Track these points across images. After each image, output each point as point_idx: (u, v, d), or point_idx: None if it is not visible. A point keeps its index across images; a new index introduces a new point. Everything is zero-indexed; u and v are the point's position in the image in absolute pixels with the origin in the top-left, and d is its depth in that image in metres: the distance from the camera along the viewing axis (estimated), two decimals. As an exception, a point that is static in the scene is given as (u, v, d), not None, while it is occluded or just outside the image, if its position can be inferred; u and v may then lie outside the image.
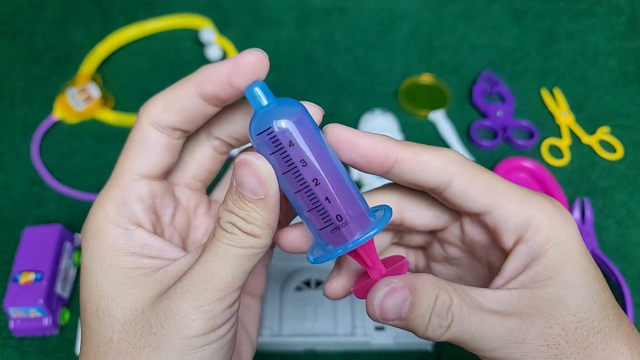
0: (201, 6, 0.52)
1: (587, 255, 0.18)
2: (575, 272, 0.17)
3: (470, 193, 0.17)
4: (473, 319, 0.16)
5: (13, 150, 0.43)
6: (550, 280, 0.17)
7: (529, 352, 0.16)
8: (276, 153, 0.16)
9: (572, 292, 0.17)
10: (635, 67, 0.49)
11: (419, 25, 0.51)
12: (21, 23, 0.52)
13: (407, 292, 0.16)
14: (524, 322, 0.16)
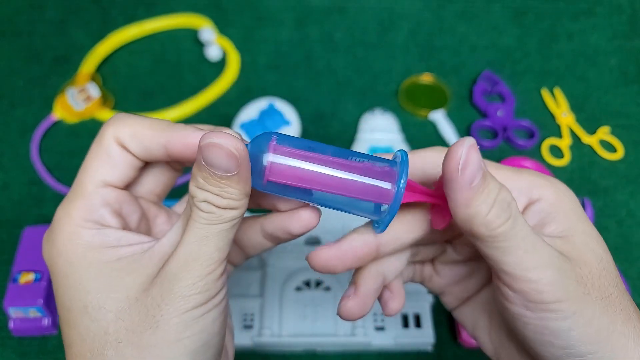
0: (201, 6, 0.52)
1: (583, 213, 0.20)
2: (590, 228, 0.19)
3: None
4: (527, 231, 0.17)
5: (12, 150, 0.43)
6: (573, 230, 0.18)
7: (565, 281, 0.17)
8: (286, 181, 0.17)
9: (595, 242, 0.18)
10: (635, 67, 0.49)
11: (419, 25, 0.51)
12: (21, 23, 0.51)
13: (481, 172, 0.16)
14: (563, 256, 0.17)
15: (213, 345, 0.17)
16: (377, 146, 0.41)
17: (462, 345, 0.33)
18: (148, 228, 0.20)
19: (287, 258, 0.35)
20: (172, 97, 0.46)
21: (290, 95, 0.46)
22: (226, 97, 0.46)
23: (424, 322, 0.32)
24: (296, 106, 0.44)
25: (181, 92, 0.47)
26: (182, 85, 0.47)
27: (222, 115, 0.45)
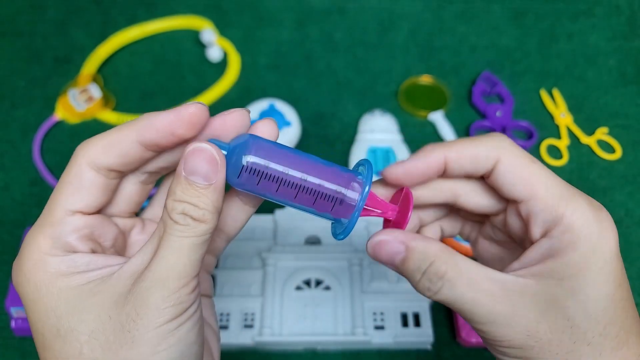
0: (201, 7, 0.52)
1: (614, 271, 0.18)
2: (588, 283, 0.17)
3: (510, 178, 0.18)
4: (465, 294, 0.18)
5: (14, 151, 0.43)
6: (558, 281, 0.17)
7: (511, 337, 0.17)
8: (261, 179, 0.18)
9: (574, 300, 0.17)
10: (634, 68, 0.49)
11: (419, 26, 0.51)
12: (22, 23, 0.52)
13: (403, 247, 0.18)
14: (514, 309, 0.17)
15: (190, 355, 0.18)
16: (377, 146, 0.41)
17: (460, 344, 0.33)
18: (124, 241, 0.21)
19: (287, 258, 0.35)
20: (173, 98, 0.46)
21: (291, 96, 0.46)
22: (227, 98, 0.47)
23: (423, 321, 0.32)
24: (296, 107, 0.44)
25: (182, 92, 0.47)
26: (183, 86, 0.47)
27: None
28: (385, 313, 0.33)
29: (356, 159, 0.41)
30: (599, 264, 0.17)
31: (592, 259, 0.17)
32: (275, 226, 0.37)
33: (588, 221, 0.18)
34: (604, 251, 0.17)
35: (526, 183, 0.18)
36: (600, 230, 0.18)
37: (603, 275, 0.17)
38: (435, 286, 0.18)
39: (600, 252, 0.17)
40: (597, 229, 0.17)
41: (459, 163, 0.19)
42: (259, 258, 0.35)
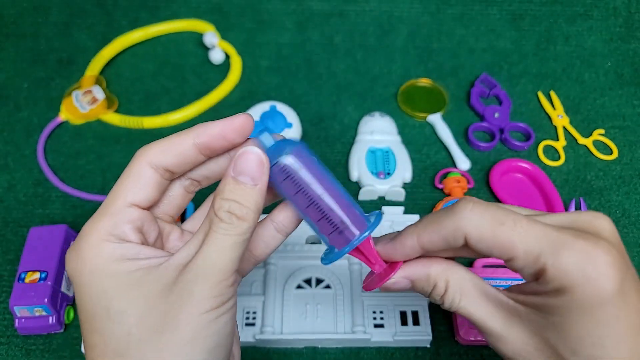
0: (203, 9, 0.53)
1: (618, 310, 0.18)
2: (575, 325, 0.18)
3: (483, 248, 0.19)
4: (463, 309, 0.21)
5: (18, 151, 0.43)
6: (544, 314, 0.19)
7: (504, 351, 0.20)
8: (287, 179, 0.20)
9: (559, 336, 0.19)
10: (631, 69, 0.49)
11: (418, 29, 0.52)
12: (25, 25, 0.52)
13: (408, 282, 0.22)
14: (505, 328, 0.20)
15: (225, 346, 0.20)
16: (376, 148, 0.42)
17: (459, 342, 0.34)
18: (162, 244, 0.23)
19: (288, 257, 0.35)
20: (176, 100, 0.47)
21: (292, 98, 0.47)
22: (229, 100, 0.47)
23: (422, 320, 0.33)
24: (297, 108, 0.44)
25: (184, 94, 0.47)
26: (185, 87, 0.48)
27: (224, 117, 0.46)
28: (385, 311, 0.33)
29: (356, 160, 0.41)
30: (591, 310, 0.18)
31: (581, 306, 0.18)
32: (276, 226, 0.37)
33: (574, 271, 0.18)
34: (598, 296, 0.18)
35: (501, 248, 0.19)
36: (589, 278, 0.18)
37: (599, 319, 0.18)
38: (441, 301, 0.22)
39: (593, 300, 0.18)
40: (585, 278, 0.18)
41: (433, 245, 0.20)
42: (260, 257, 0.36)
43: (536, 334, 0.19)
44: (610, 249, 0.18)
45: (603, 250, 0.18)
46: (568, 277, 0.18)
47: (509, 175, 0.41)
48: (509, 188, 0.40)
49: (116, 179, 0.33)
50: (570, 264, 0.18)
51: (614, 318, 0.18)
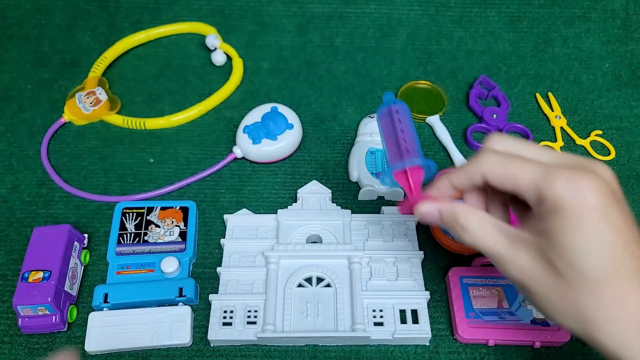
0: (205, 12, 0.53)
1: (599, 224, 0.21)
2: (565, 238, 0.22)
3: (497, 182, 0.25)
4: (478, 239, 0.25)
5: (21, 152, 0.44)
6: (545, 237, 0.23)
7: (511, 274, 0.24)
8: (388, 116, 0.31)
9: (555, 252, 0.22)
10: (629, 71, 0.50)
11: (417, 31, 0.52)
12: (28, 27, 0.53)
13: (437, 212, 0.27)
14: (513, 252, 0.24)
15: None
16: (376, 148, 0.42)
17: (457, 341, 0.34)
18: None
19: (290, 256, 0.36)
20: (178, 101, 0.47)
21: (292, 99, 0.47)
22: (230, 101, 0.48)
23: (421, 318, 0.33)
24: (298, 110, 0.45)
25: (186, 96, 0.48)
26: (187, 89, 0.48)
27: (226, 118, 0.46)
28: (384, 310, 0.33)
29: (356, 160, 0.42)
30: (578, 228, 0.22)
31: (570, 224, 0.22)
32: (278, 226, 0.38)
33: (563, 192, 0.22)
34: (581, 211, 0.22)
35: (510, 181, 0.24)
36: (575, 196, 0.22)
37: (587, 237, 0.22)
38: (460, 234, 0.25)
39: (577, 213, 0.22)
40: (571, 196, 0.22)
41: (460, 182, 0.26)
42: (262, 257, 0.36)
43: (537, 254, 0.23)
44: (599, 180, 0.22)
45: (590, 178, 0.22)
46: (559, 198, 0.22)
47: (508, 176, 0.42)
48: (507, 188, 0.41)
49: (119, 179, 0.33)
50: (560, 187, 0.22)
51: (597, 232, 0.22)
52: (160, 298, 0.34)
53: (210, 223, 0.39)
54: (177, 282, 0.35)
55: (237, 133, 0.42)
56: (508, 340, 0.33)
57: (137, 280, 0.35)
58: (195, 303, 0.35)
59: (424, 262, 0.37)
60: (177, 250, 0.37)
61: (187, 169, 0.43)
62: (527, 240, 0.23)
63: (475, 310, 0.34)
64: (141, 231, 0.38)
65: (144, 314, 0.34)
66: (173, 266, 0.35)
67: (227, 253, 0.37)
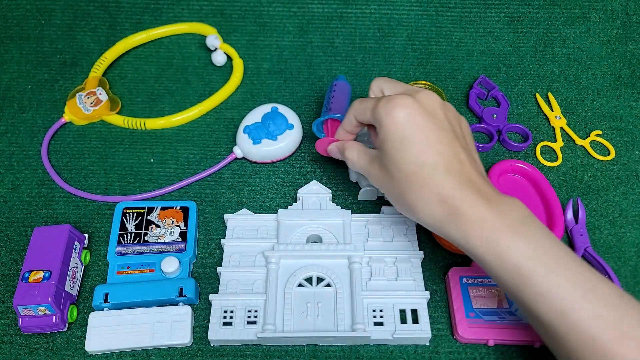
0: (206, 12, 0.54)
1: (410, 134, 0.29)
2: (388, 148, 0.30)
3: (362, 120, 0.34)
4: (356, 163, 0.34)
5: (22, 152, 0.44)
6: (381, 150, 0.31)
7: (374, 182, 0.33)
8: (330, 87, 0.43)
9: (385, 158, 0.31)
10: (628, 71, 0.50)
11: (417, 31, 0.53)
12: (29, 27, 0.53)
13: (336, 148, 0.37)
14: (371, 165, 0.32)
15: None
16: (376, 148, 0.42)
17: (457, 341, 0.34)
18: None
19: (290, 256, 0.36)
20: (178, 101, 0.47)
21: (292, 100, 0.47)
22: (231, 102, 0.48)
23: (421, 318, 0.33)
24: (298, 110, 0.45)
25: (187, 96, 0.48)
26: (187, 89, 0.48)
27: (227, 119, 0.46)
28: (384, 310, 0.33)
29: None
30: (394, 136, 0.29)
31: (389, 134, 0.30)
32: (278, 226, 0.38)
33: (381, 115, 0.30)
34: (392, 128, 0.29)
35: (363, 115, 0.33)
36: (388, 113, 0.30)
37: (399, 141, 0.29)
38: (347, 162, 0.35)
39: (390, 130, 0.30)
40: (385, 114, 0.30)
41: (350, 128, 0.35)
42: (262, 256, 0.36)
43: (379, 163, 0.31)
44: (409, 100, 0.29)
45: (402, 99, 0.30)
46: (379, 117, 0.30)
47: (507, 176, 0.42)
48: (507, 188, 0.41)
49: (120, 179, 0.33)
50: (381, 109, 0.30)
51: (404, 135, 0.29)
52: (160, 298, 0.34)
53: (211, 223, 0.40)
54: (178, 282, 0.35)
55: (238, 133, 0.42)
56: (508, 340, 0.33)
57: (137, 280, 0.35)
58: (195, 303, 0.35)
59: (424, 262, 0.37)
60: (177, 250, 0.37)
61: (187, 169, 0.43)
62: (376, 155, 0.32)
63: (475, 310, 0.34)
64: (141, 231, 0.38)
65: (144, 314, 0.34)
66: (173, 266, 0.35)
67: (228, 253, 0.37)
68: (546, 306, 0.25)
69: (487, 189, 0.28)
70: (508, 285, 0.26)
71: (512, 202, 0.28)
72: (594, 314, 0.24)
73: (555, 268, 0.25)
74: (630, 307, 0.25)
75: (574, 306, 0.24)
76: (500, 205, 0.27)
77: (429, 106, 0.30)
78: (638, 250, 0.38)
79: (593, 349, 0.24)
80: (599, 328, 0.24)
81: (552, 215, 0.39)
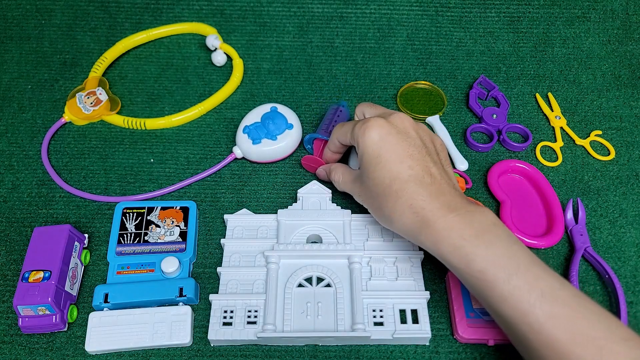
0: (206, 12, 0.54)
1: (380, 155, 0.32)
2: (366, 167, 0.33)
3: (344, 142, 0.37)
4: (341, 185, 0.37)
5: (22, 152, 0.44)
6: (361, 170, 0.34)
7: (359, 199, 0.35)
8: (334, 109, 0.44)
9: (365, 177, 0.33)
10: (628, 71, 0.50)
11: (417, 31, 0.53)
12: (29, 27, 0.53)
13: (324, 171, 0.40)
14: (354, 185, 0.35)
15: None
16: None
17: (457, 340, 0.34)
18: None
19: (290, 256, 0.36)
20: (178, 101, 0.47)
21: (292, 100, 0.47)
22: (231, 102, 0.48)
23: (421, 318, 0.33)
24: (298, 110, 0.45)
25: (187, 96, 0.48)
26: (187, 89, 0.48)
27: (227, 119, 0.46)
28: (384, 310, 0.33)
29: (356, 160, 0.42)
30: (369, 154, 0.32)
31: (365, 153, 0.32)
32: (278, 226, 0.38)
33: (357, 137, 0.33)
34: (367, 147, 0.32)
35: (345, 137, 0.36)
36: (363, 134, 0.32)
37: (374, 158, 0.32)
38: (334, 183, 0.38)
39: (365, 149, 0.32)
40: (361, 134, 0.33)
41: (334, 149, 0.38)
42: (262, 256, 0.36)
43: (360, 182, 0.34)
44: (382, 122, 0.32)
45: (375, 121, 0.32)
46: (356, 137, 0.33)
47: (507, 176, 0.42)
48: (506, 188, 0.41)
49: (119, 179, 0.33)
50: (357, 131, 0.33)
51: (378, 153, 0.32)
52: (160, 298, 0.34)
53: (211, 223, 0.40)
54: (178, 282, 0.35)
55: (237, 133, 0.42)
56: (508, 340, 0.33)
57: (137, 280, 0.35)
58: (195, 303, 0.35)
59: (424, 262, 0.37)
60: (177, 250, 0.37)
61: (187, 169, 0.43)
62: (357, 174, 0.35)
63: (475, 310, 0.34)
64: (141, 231, 0.38)
65: (144, 314, 0.34)
66: (173, 266, 0.35)
67: (228, 253, 0.37)
68: (509, 308, 0.26)
69: (456, 200, 0.30)
70: (475, 289, 0.28)
71: (480, 211, 0.29)
72: (550, 314, 0.26)
73: (515, 272, 0.27)
74: (584, 308, 0.26)
75: (532, 307, 0.26)
76: (468, 215, 0.29)
77: (400, 126, 0.33)
78: (638, 250, 0.38)
79: (551, 348, 0.25)
80: (555, 328, 0.25)
81: (552, 215, 0.39)
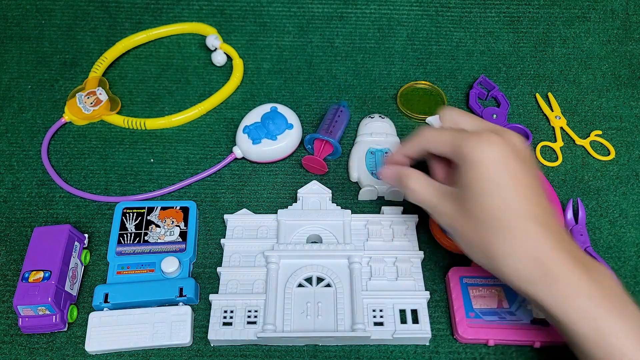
0: (206, 12, 0.54)
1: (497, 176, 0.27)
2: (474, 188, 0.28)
3: (435, 150, 0.31)
4: (416, 196, 0.31)
5: (22, 152, 0.44)
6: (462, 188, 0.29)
7: (441, 221, 0.30)
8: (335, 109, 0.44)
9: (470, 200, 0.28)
10: (628, 71, 0.50)
11: (417, 31, 0.53)
12: (29, 27, 0.53)
13: (393, 174, 0.34)
14: (440, 203, 0.30)
15: None
16: (376, 148, 0.42)
17: (457, 340, 0.34)
18: None
19: (290, 256, 0.36)
20: (178, 101, 0.47)
21: (292, 100, 0.47)
22: (231, 102, 0.48)
23: (421, 318, 0.33)
24: (298, 110, 0.45)
25: (187, 96, 0.48)
26: (187, 89, 0.48)
27: (227, 119, 0.46)
28: (384, 310, 0.33)
29: (356, 160, 0.42)
30: (483, 177, 0.27)
31: (478, 174, 0.28)
32: (278, 226, 0.38)
33: (469, 152, 0.28)
34: (483, 166, 0.27)
35: (442, 147, 0.30)
36: (476, 150, 0.28)
37: (488, 182, 0.27)
38: (404, 191, 0.32)
39: (480, 168, 0.28)
40: (473, 151, 0.28)
41: (411, 153, 0.33)
42: (262, 256, 0.36)
43: (457, 201, 0.29)
44: (499, 140, 0.28)
45: (491, 138, 0.28)
46: (466, 153, 0.28)
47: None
48: (507, 188, 0.41)
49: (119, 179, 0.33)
50: (468, 145, 0.28)
51: (494, 177, 0.27)
52: (160, 298, 0.34)
53: (211, 223, 0.40)
54: (178, 282, 0.35)
55: (237, 133, 0.42)
56: (508, 340, 0.33)
57: (137, 280, 0.35)
58: (195, 303, 0.35)
59: (424, 262, 0.37)
60: (177, 250, 0.37)
61: (187, 169, 0.43)
62: (451, 191, 0.29)
63: (475, 310, 0.34)
64: (141, 231, 0.38)
65: (144, 314, 0.34)
66: (173, 266, 0.35)
67: (228, 253, 0.37)
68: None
69: (579, 253, 0.27)
70: (593, 354, 0.25)
71: (602, 270, 0.27)
72: None
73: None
74: None
75: None
76: (595, 274, 0.26)
77: (520, 149, 0.28)
78: (638, 250, 0.38)
79: None
80: None
81: (552, 215, 0.39)
